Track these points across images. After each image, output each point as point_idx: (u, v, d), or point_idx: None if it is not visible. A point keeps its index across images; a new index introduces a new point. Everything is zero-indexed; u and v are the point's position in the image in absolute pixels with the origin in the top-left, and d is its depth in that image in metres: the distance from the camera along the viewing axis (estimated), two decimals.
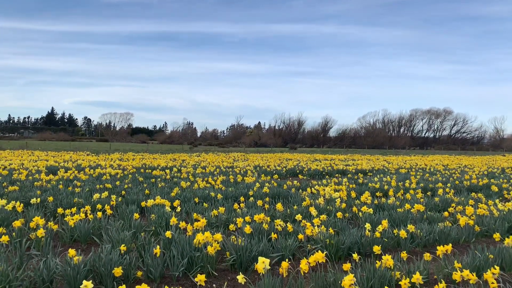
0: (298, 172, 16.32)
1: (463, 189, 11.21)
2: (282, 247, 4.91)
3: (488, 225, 6.36)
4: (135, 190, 9.20)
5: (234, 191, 9.20)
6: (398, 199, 8.67)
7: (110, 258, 4.04)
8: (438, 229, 5.85)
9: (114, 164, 16.90)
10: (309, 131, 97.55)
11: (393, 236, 5.60)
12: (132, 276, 4.16)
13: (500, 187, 11.46)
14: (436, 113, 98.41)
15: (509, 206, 7.24)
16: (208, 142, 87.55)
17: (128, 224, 5.93)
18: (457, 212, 7.27)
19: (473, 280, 3.62)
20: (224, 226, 6.27)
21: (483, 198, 8.97)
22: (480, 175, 15.42)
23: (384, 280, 3.90)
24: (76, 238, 5.60)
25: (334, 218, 6.42)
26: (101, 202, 7.30)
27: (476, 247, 5.02)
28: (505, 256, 4.73)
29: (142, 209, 7.52)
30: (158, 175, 12.88)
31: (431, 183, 12.04)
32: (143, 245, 4.80)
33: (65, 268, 3.87)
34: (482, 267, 4.44)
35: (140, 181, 11.26)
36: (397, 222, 6.62)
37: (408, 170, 17.83)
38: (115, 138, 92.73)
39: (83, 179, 11.24)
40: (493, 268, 3.75)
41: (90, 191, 8.95)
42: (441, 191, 9.61)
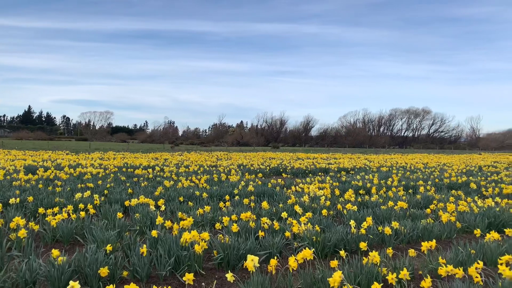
0: (281, 171, 16.37)
1: (443, 187, 11.45)
2: (269, 245, 4.91)
3: (468, 221, 6.51)
4: (118, 189, 9.06)
5: (219, 190, 9.16)
6: (381, 196, 8.79)
7: (96, 258, 3.96)
8: (421, 226, 5.95)
9: (95, 163, 16.61)
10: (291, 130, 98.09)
11: (378, 233, 5.67)
12: (118, 276, 4.09)
13: (479, 184, 11.74)
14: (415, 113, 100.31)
15: (488, 203, 7.43)
16: (190, 141, 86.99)
17: (112, 223, 5.83)
18: (438, 209, 7.41)
19: (459, 274, 3.70)
20: (210, 225, 6.24)
21: (462, 195, 9.17)
22: (458, 173, 15.78)
23: (371, 276, 3.94)
24: (58, 238, 5.47)
25: (319, 215, 6.46)
26: (84, 202, 7.17)
27: (459, 242, 5.13)
28: (486, 251, 4.85)
29: (125, 208, 7.41)
30: (141, 174, 12.71)
31: (412, 181, 12.26)
32: (128, 244, 4.72)
33: (48, 269, 3.77)
34: (465, 262, 4.54)
35: (123, 180, 11.09)
36: (381, 219, 6.71)
37: (389, 168, 18.10)
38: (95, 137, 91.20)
39: (64, 178, 11.01)
40: (477, 263, 3.83)
41: (72, 190, 8.77)
42: (422, 189, 9.79)
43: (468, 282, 3.64)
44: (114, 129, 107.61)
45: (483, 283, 3.82)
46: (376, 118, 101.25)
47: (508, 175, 14.80)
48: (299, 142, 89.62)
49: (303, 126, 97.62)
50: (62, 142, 69.17)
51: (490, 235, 4.98)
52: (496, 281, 3.74)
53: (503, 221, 6.66)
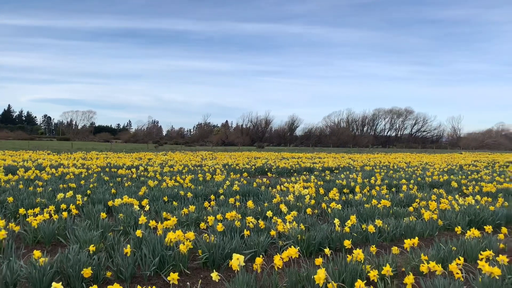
0: (266, 170, 16.40)
1: (425, 185, 11.64)
2: (254, 243, 4.92)
3: (450, 219, 6.64)
4: (101, 189, 8.94)
5: (204, 190, 9.13)
6: (364, 195, 8.89)
7: (79, 258, 3.90)
8: (404, 224, 6.04)
9: (78, 163, 16.36)
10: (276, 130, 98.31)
11: (362, 231, 5.73)
12: (101, 276, 4.04)
13: (459, 183, 11.98)
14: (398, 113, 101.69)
15: (468, 201, 7.58)
16: (174, 141, 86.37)
17: (96, 224, 5.76)
18: (421, 207, 7.53)
19: (438, 271, 3.77)
20: (195, 224, 6.21)
21: (444, 194, 9.34)
22: (440, 172, 16.06)
23: (355, 274, 3.99)
24: (40, 239, 5.37)
25: (304, 214, 6.50)
26: (66, 202, 7.05)
27: (440, 240, 5.22)
28: (467, 248, 4.96)
29: (109, 208, 7.32)
30: (124, 174, 12.57)
31: (395, 180, 12.43)
32: (112, 244, 4.67)
33: (30, 271, 3.70)
34: (447, 258, 4.63)
35: (106, 180, 10.95)
36: (365, 217, 6.79)
37: (373, 167, 18.31)
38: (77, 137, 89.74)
39: (45, 178, 10.81)
40: (458, 259, 3.91)
41: (53, 191, 8.62)
42: (405, 187, 9.94)
43: (449, 278, 3.71)
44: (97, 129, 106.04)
45: (464, 279, 3.90)
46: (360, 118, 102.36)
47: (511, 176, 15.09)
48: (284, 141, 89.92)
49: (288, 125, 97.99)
50: (43, 142, 67.85)
51: (470, 232, 5.09)
52: (476, 276, 3.83)
53: (483, 218, 6.81)
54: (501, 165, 21.98)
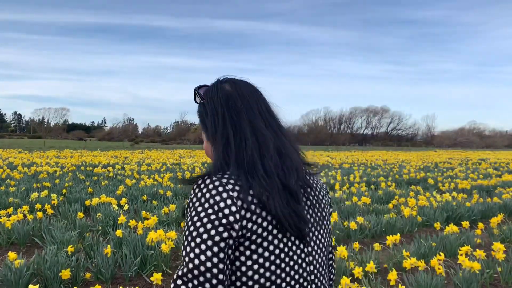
0: None
1: (402, 182, 11.86)
2: None
3: (428, 215, 6.76)
4: (77, 188, 8.71)
5: (183, 188, 9.01)
6: (344, 192, 8.97)
7: (57, 260, 3.77)
8: (385, 221, 6.12)
9: (51, 162, 15.91)
10: None
11: (343, 228, 5.77)
12: (81, 278, 3.91)
13: (436, 180, 12.25)
14: (374, 111, 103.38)
15: (445, 197, 7.76)
16: (151, 139, 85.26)
17: (73, 224, 5.59)
18: (400, 204, 7.65)
19: (421, 267, 3.82)
20: (176, 223, 6.11)
21: (421, 191, 9.53)
22: (416, 169, 16.41)
23: (339, 271, 4.00)
24: (14, 240, 5.17)
25: None
26: (40, 202, 6.81)
27: (420, 236, 5.31)
28: (446, 243, 5.06)
29: (86, 208, 7.12)
30: (101, 173, 12.30)
31: (373, 177, 12.61)
32: (91, 245, 4.53)
33: (5, 273, 3.55)
34: (427, 254, 4.71)
35: (82, 179, 10.68)
36: (346, 214, 6.84)
37: (351, 165, 18.55)
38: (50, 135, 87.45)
39: (17, 178, 10.45)
40: (438, 255, 3.98)
41: (27, 190, 8.34)
42: (383, 185, 10.09)
43: (431, 273, 3.77)
44: (70, 127, 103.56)
45: (445, 274, 3.97)
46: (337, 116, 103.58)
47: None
48: None
49: None
50: (14, 139, 65.74)
51: (449, 228, 5.20)
52: (457, 271, 3.90)
53: (459, 214, 6.97)
54: (474, 163, 22.65)
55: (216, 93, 1.05)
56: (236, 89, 1.05)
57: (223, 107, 1.02)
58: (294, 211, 0.95)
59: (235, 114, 1.01)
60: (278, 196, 0.93)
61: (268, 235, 0.92)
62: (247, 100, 1.03)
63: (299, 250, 0.98)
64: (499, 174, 14.98)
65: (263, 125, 1.02)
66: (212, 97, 1.05)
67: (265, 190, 0.92)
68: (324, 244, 1.07)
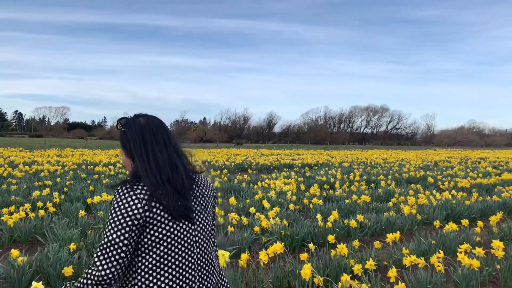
0: (246, 167, 16.39)
1: (402, 181, 11.88)
2: (238, 240, 4.90)
3: (428, 213, 6.79)
4: (78, 186, 8.73)
5: None
6: (344, 191, 9.00)
7: (59, 257, 3.80)
8: (385, 219, 6.15)
9: (52, 160, 15.94)
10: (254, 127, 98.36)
11: (343, 226, 5.80)
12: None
13: (435, 178, 12.28)
14: (373, 110, 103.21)
15: (445, 196, 7.78)
16: None
17: (74, 221, 5.62)
18: (399, 202, 7.68)
19: (421, 264, 3.85)
20: None
21: (421, 189, 9.56)
22: (416, 167, 16.43)
23: (339, 268, 4.03)
24: (16, 238, 5.20)
25: (286, 210, 6.53)
26: (42, 200, 6.86)
27: (420, 233, 5.34)
28: (446, 241, 5.09)
29: (87, 206, 7.15)
30: (102, 171, 12.33)
31: (373, 176, 12.64)
32: (93, 243, 4.57)
33: (8, 270, 3.58)
34: (427, 252, 4.73)
35: (83, 177, 10.71)
36: (346, 212, 6.87)
37: (351, 163, 18.57)
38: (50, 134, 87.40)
39: (19, 176, 10.48)
40: (438, 253, 4.01)
41: (28, 188, 8.37)
42: (383, 183, 10.12)
43: (431, 271, 3.80)
44: (70, 125, 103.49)
45: (444, 271, 4.00)
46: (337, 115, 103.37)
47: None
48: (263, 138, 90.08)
49: (266, 123, 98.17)
50: (14, 138, 65.77)
51: (448, 226, 5.22)
52: (456, 269, 3.93)
53: (459, 212, 7.00)
54: (474, 161, 22.67)
55: (133, 125, 1.53)
56: (147, 123, 1.54)
57: (138, 135, 1.51)
58: (183, 205, 1.48)
59: (146, 141, 1.51)
60: (171, 196, 1.45)
61: (164, 220, 1.44)
62: (154, 131, 1.52)
63: (188, 228, 1.51)
64: (498, 172, 15.00)
65: (164, 149, 1.52)
66: (131, 127, 1.53)
67: (161, 193, 1.44)
68: (207, 222, 1.62)
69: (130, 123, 1.54)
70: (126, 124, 1.55)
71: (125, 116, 1.59)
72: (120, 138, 1.57)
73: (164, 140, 1.54)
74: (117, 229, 1.37)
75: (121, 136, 1.57)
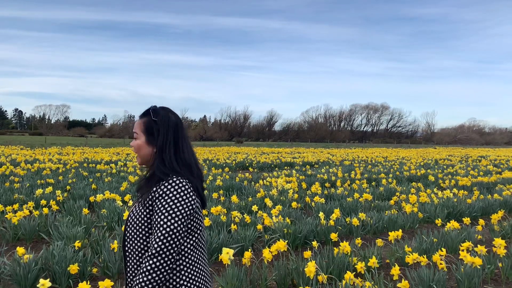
0: (247, 165, 16.42)
1: (403, 179, 11.91)
2: (241, 237, 4.93)
3: (429, 211, 6.82)
4: (80, 185, 8.76)
5: None
6: (346, 189, 9.02)
7: (65, 255, 3.83)
8: (386, 217, 6.17)
9: (54, 159, 15.96)
10: (254, 125, 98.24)
11: (346, 224, 5.83)
12: (88, 273, 3.97)
13: (436, 176, 12.31)
14: (374, 108, 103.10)
15: (446, 194, 7.81)
16: None
17: (78, 219, 5.65)
18: (401, 200, 7.71)
19: (424, 262, 3.88)
20: None
21: (422, 187, 9.58)
22: (417, 166, 16.46)
23: (342, 266, 4.06)
24: (20, 236, 5.24)
25: (288, 208, 6.55)
26: (45, 198, 6.88)
27: (422, 232, 5.37)
28: (447, 239, 5.11)
29: (90, 204, 7.19)
30: (103, 170, 12.36)
31: (374, 174, 12.66)
32: (97, 240, 4.60)
33: (14, 268, 3.61)
34: (429, 250, 4.76)
35: (85, 175, 10.74)
36: (348, 210, 6.90)
37: (351, 162, 18.59)
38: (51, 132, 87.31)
39: (21, 174, 10.51)
40: (440, 251, 4.04)
41: (31, 186, 8.40)
42: (384, 181, 10.14)
43: (433, 269, 3.83)
44: (71, 123, 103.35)
45: (447, 269, 4.03)
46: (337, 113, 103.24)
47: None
48: (263, 136, 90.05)
49: (266, 121, 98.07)
50: (15, 136, 65.73)
51: (450, 224, 5.25)
52: (458, 266, 3.96)
53: (460, 211, 7.03)
54: (474, 160, 22.69)
55: (167, 119, 1.65)
56: (179, 121, 1.69)
57: (172, 130, 1.63)
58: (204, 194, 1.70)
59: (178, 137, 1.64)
60: (201, 188, 1.66)
61: (198, 210, 1.62)
62: (184, 130, 1.67)
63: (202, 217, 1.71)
64: (499, 171, 15.02)
65: (189, 146, 1.69)
66: (164, 119, 1.64)
67: (197, 183, 1.62)
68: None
69: (163, 116, 1.64)
70: (159, 115, 1.65)
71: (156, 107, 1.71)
72: (147, 125, 1.64)
73: (187, 138, 1.70)
74: (178, 218, 1.47)
75: (148, 123, 1.64)
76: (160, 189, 1.51)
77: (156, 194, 1.51)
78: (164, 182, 1.52)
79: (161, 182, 1.53)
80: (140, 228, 1.56)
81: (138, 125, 1.66)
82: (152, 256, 1.44)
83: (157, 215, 1.48)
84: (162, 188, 1.50)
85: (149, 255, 1.45)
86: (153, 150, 1.63)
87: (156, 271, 1.43)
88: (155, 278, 1.43)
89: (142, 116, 1.68)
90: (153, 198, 1.52)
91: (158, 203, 1.49)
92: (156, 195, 1.51)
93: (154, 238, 1.46)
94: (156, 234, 1.46)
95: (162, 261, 1.44)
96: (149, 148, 1.63)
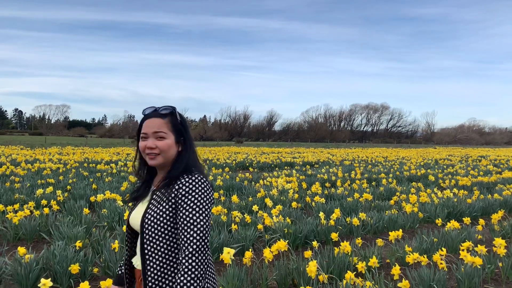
0: (248, 165, 16.42)
1: (403, 179, 11.91)
2: (242, 237, 4.94)
3: (430, 211, 6.83)
4: (81, 184, 8.77)
5: None
6: (346, 189, 9.03)
7: (66, 255, 3.84)
8: (387, 217, 6.18)
9: (54, 159, 15.97)
10: (254, 125, 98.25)
11: (346, 224, 5.84)
12: (89, 273, 3.98)
13: (436, 176, 12.32)
14: (374, 108, 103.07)
15: (447, 194, 7.82)
16: None
17: (79, 219, 5.66)
18: (401, 200, 7.71)
19: (424, 262, 3.89)
20: None
21: (422, 187, 9.59)
22: (417, 166, 16.46)
23: (343, 266, 4.07)
24: (21, 236, 5.24)
25: (289, 208, 6.56)
26: (46, 198, 6.89)
27: (422, 231, 5.37)
28: (448, 239, 5.12)
29: (91, 204, 7.19)
30: (104, 169, 12.37)
31: (374, 174, 12.67)
32: (98, 240, 4.60)
33: (15, 267, 3.61)
34: (429, 249, 4.77)
35: (85, 175, 10.75)
36: (348, 210, 6.91)
37: (351, 162, 18.60)
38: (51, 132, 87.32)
39: (21, 174, 10.52)
40: (441, 250, 4.05)
41: (32, 186, 8.40)
42: (384, 181, 10.15)
43: (434, 269, 3.84)
44: (71, 123, 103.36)
45: (447, 269, 4.04)
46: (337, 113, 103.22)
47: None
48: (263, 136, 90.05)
49: (266, 121, 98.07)
50: (15, 136, 65.71)
51: (450, 224, 5.26)
52: (459, 266, 3.97)
53: (460, 210, 7.04)
54: (474, 159, 22.70)
55: (185, 119, 1.72)
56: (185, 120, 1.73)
57: (188, 129, 1.71)
58: None
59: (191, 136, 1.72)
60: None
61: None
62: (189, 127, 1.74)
63: None
64: (499, 171, 15.03)
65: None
66: (184, 119, 1.71)
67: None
68: None
69: (182, 116, 1.70)
70: (181, 115, 1.70)
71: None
72: (174, 124, 1.65)
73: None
74: (206, 213, 1.49)
75: (175, 122, 1.66)
76: (185, 185, 1.50)
77: (182, 192, 1.49)
78: (186, 178, 1.52)
79: (181, 179, 1.53)
80: (162, 228, 1.52)
81: (164, 124, 1.62)
82: (194, 252, 1.42)
83: (187, 211, 1.47)
84: (187, 185, 1.50)
85: (188, 253, 1.42)
86: (177, 150, 1.65)
87: (200, 266, 1.42)
88: (201, 273, 1.42)
89: (162, 116, 1.64)
90: (178, 195, 1.50)
91: (186, 200, 1.48)
92: (182, 192, 1.49)
93: (186, 235, 1.44)
94: (190, 230, 1.44)
95: (203, 256, 1.44)
96: (175, 148, 1.64)
